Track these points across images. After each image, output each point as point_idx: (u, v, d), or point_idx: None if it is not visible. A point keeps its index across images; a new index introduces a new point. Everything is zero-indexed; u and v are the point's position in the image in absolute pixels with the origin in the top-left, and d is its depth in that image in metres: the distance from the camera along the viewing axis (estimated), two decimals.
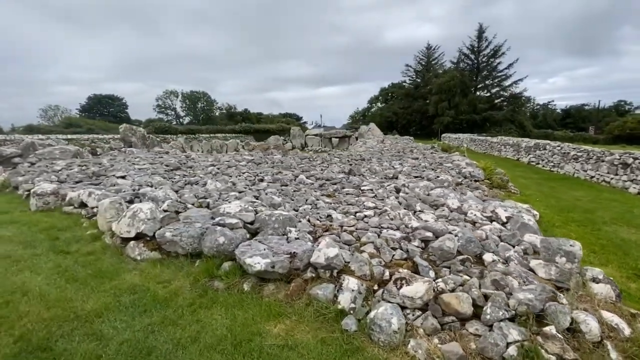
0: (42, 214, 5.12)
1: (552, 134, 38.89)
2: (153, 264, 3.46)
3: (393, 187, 5.51)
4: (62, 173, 6.99)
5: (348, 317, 2.43)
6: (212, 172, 6.95)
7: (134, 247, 3.66)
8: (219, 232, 3.42)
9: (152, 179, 6.17)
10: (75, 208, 5.15)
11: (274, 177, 6.28)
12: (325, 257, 2.88)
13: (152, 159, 8.65)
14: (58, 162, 8.16)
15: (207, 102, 70.01)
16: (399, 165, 8.72)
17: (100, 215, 4.26)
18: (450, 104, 39.94)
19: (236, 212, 3.94)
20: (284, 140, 26.22)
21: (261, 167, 8.31)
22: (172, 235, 3.55)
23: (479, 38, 40.60)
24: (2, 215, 5.11)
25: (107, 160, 8.31)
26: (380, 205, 4.31)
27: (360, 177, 6.92)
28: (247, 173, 6.86)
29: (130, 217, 3.79)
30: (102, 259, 3.57)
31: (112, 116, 57.40)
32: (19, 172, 7.23)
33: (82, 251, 3.76)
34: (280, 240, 3.39)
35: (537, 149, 12.51)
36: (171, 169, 7.35)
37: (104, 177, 6.57)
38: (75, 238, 4.14)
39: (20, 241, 4.00)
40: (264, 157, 9.74)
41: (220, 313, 2.63)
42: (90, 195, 4.97)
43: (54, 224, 4.63)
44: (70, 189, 5.66)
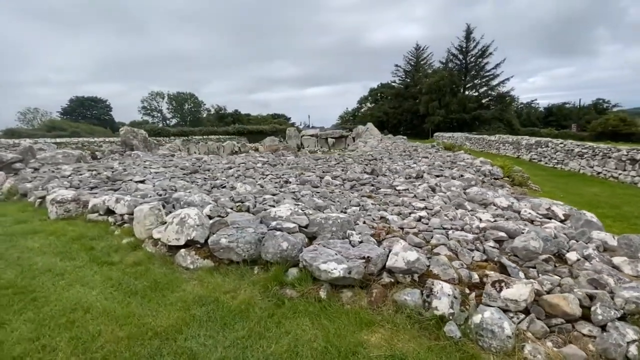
0: (64, 223, 4.81)
1: (539, 132, 39.97)
2: (209, 272, 3.27)
3: (427, 187, 5.45)
4: (72, 178, 6.63)
5: (449, 323, 2.32)
6: (233, 175, 6.72)
7: (185, 255, 3.46)
8: (281, 237, 3.27)
9: (175, 183, 5.92)
10: (101, 215, 4.86)
11: (301, 179, 6.13)
12: (405, 261, 2.77)
13: (162, 163, 8.32)
14: (64, 167, 7.74)
15: (195, 103, 68.92)
16: (415, 165, 8.70)
17: (139, 223, 4.02)
18: (441, 104, 40.56)
19: (287, 215, 3.78)
20: (279, 141, 26.01)
21: (278, 168, 8.13)
22: (228, 241, 3.37)
23: (467, 38, 41.42)
24: (21, 224, 4.78)
25: (117, 164, 7.94)
26: (429, 206, 4.24)
27: (383, 177, 6.84)
28: (271, 175, 6.67)
29: (179, 223, 3.58)
30: (152, 269, 3.35)
31: (95, 119, 55.66)
32: (25, 178, 6.82)
33: (126, 261, 3.52)
34: (344, 245, 3.26)
35: (539, 147, 12.78)
36: (189, 172, 7.08)
37: (120, 181, 6.26)
38: (112, 247, 3.89)
39: (54, 252, 3.73)
40: (277, 158, 9.55)
41: (307, 323, 2.48)
42: (119, 202, 4.70)
43: (82, 233, 4.35)
44: (90, 195, 5.35)
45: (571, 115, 58.90)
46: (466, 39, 41.59)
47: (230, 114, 53.81)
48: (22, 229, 4.52)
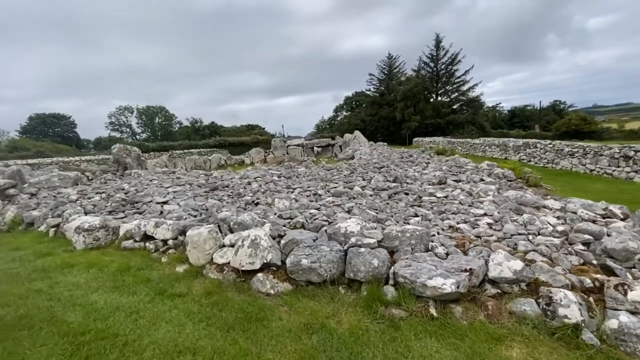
0: (97, 253, 4.39)
1: (508, 133, 42.44)
2: (294, 296, 3.09)
3: (465, 192, 5.53)
4: (84, 203, 6.10)
5: (584, 330, 2.32)
6: (259, 190, 6.48)
7: (264, 280, 3.25)
8: (368, 254, 3.15)
9: (204, 202, 5.61)
10: (137, 242, 4.48)
11: (335, 191, 6.01)
12: (512, 270, 2.75)
13: (171, 181, 7.87)
14: (65, 190, 7.11)
15: (166, 117, 66.69)
16: (426, 171, 8.84)
17: (195, 248, 3.74)
18: (416, 110, 41.88)
19: (358, 230, 3.67)
20: (265, 152, 25.67)
21: (294, 180, 7.95)
22: (310, 262, 3.20)
23: (437, 47, 43.26)
24: (47, 258, 4.30)
25: (127, 184, 7.40)
26: (488, 212, 4.28)
27: (407, 184, 6.88)
28: (299, 188, 6.50)
29: (251, 246, 3.36)
30: (230, 298, 3.11)
31: (58, 136, 52.33)
32: (29, 206, 6.18)
33: (196, 292, 3.25)
34: (432, 258, 3.20)
35: (527, 148, 13.47)
36: (209, 190, 6.73)
37: (140, 203, 5.84)
38: (170, 277, 3.58)
39: (109, 288, 3.37)
40: (290, 170, 9.34)
41: (435, 344, 2.37)
42: (159, 226, 4.36)
43: (125, 263, 3.98)
44: (117, 221, 4.95)
45: (533, 117, 63.08)
46: (436, 47, 43.44)
47: (206, 126, 52.47)
48: (53, 263, 4.07)
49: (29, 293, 3.29)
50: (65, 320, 2.78)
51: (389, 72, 50.51)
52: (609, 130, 35.41)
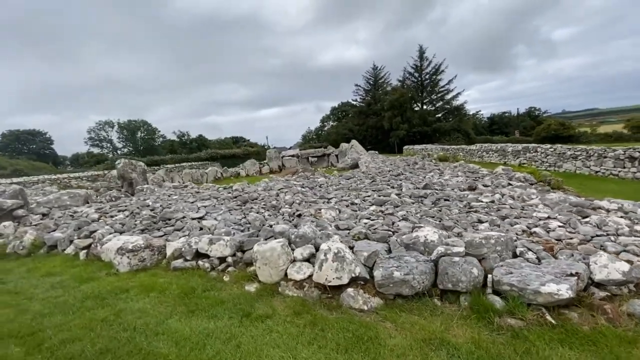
0: (146, 275, 4.08)
1: (492, 139, 43.93)
2: (389, 311, 2.94)
3: (508, 196, 5.56)
4: (109, 222, 5.72)
5: None
6: (294, 202, 6.28)
7: (355, 295, 3.08)
8: (465, 262, 3.05)
9: (244, 216, 5.37)
10: (188, 261, 4.20)
11: (375, 200, 5.91)
12: (620, 272, 2.73)
13: (192, 195, 7.54)
14: (83, 209, 6.65)
15: (148, 131, 65.06)
16: (445, 177, 8.90)
17: (267, 264, 3.53)
18: (403, 118, 42.71)
19: (437, 239, 3.58)
20: (260, 164, 25.37)
21: (317, 190, 7.80)
22: (403, 274, 3.07)
23: (421, 58, 44.63)
24: (91, 282, 3.95)
25: (152, 201, 6.99)
26: (551, 215, 4.29)
27: (440, 191, 6.87)
28: (335, 198, 6.35)
29: (336, 260, 3.19)
30: (324, 316, 2.91)
31: (33, 154, 50.05)
32: (48, 227, 5.72)
33: (282, 312, 3.03)
34: (525, 264, 3.14)
35: (527, 152, 13.90)
36: (241, 203, 6.47)
37: (174, 220, 5.53)
38: (243, 298, 3.34)
39: (184, 313, 3.10)
40: (310, 181, 9.17)
41: (573, 353, 2.28)
42: (214, 243, 4.11)
43: (185, 285, 3.69)
44: (160, 240, 4.64)
45: (511, 123, 65.67)
46: (420, 58, 44.81)
47: (194, 139, 51.49)
48: (102, 288, 3.73)
49: (94, 323, 2.98)
50: (158, 352, 2.51)
51: (374, 83, 51.54)
52: (585, 134, 37.19)
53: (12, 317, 3.24)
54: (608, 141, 34.61)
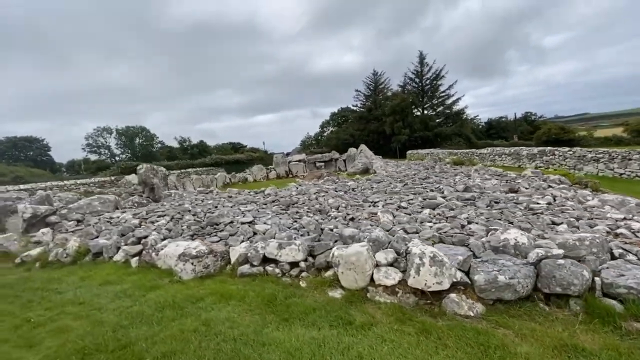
0: (213, 282, 3.90)
1: (492, 143, 44.27)
2: (497, 317, 2.81)
3: (563, 198, 5.48)
4: (151, 228, 5.52)
5: None
6: (340, 205, 6.13)
7: (459, 301, 2.94)
8: (572, 265, 2.94)
9: (297, 220, 5.22)
10: (254, 266, 4.03)
11: (426, 203, 5.79)
12: None
13: (226, 200, 7.36)
14: (117, 215, 6.43)
15: (146, 137, 64.62)
16: (477, 180, 8.84)
17: (352, 269, 3.38)
18: (405, 123, 42.89)
19: (526, 241, 3.46)
20: (267, 169, 25.21)
21: (352, 194, 7.67)
22: (508, 277, 2.94)
23: (421, 64, 45.09)
24: (157, 291, 3.75)
25: (191, 206, 6.78)
26: (627, 216, 4.20)
27: (483, 193, 6.78)
28: (381, 202, 6.22)
29: (434, 264, 3.05)
30: (432, 323, 2.76)
31: (31, 160, 49.30)
32: (90, 234, 5.50)
33: (382, 319, 2.88)
34: (627, 265, 3.04)
35: (544, 155, 13.94)
36: (285, 207, 6.31)
37: (221, 225, 5.35)
38: (332, 304, 3.18)
39: (277, 322, 2.94)
40: (338, 184, 9.03)
41: None
42: (284, 248, 3.95)
43: (261, 292, 3.52)
44: (219, 245, 4.47)
45: (508, 128, 66.35)
46: (420, 64, 45.28)
47: (195, 145, 51.17)
48: (173, 297, 3.54)
49: (188, 335, 2.80)
50: None
51: (374, 88, 51.80)
52: (585, 138, 37.65)
53: (89, 329, 3.04)
54: (608, 145, 35.02)
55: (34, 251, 5.22)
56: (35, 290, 4.09)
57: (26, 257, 5.13)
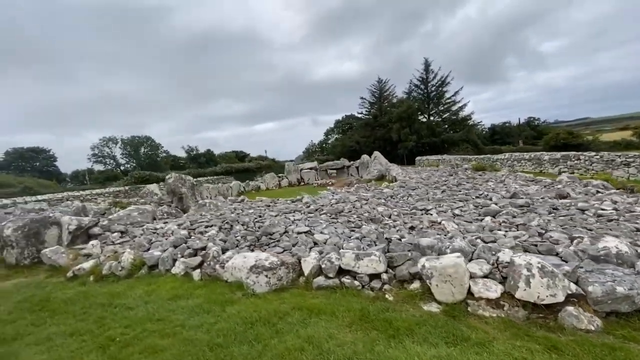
0: (290, 295, 3.74)
1: (500, 149, 44.20)
2: (623, 331, 2.65)
3: (626, 203, 5.33)
4: (202, 238, 5.38)
5: None
6: (392, 214, 5.99)
7: (578, 314, 2.78)
8: None
9: (359, 230, 5.08)
10: (330, 278, 3.87)
11: (484, 210, 5.65)
12: None
13: (266, 209, 7.22)
14: (162, 226, 6.28)
15: (152, 146, 64.76)
16: (514, 185, 8.70)
17: (449, 281, 3.22)
18: (412, 130, 42.92)
19: (628, 251, 3.32)
20: (279, 177, 25.11)
21: (390, 200, 7.53)
22: (627, 289, 2.79)
23: (426, 71, 45.33)
24: (234, 306, 3.59)
25: (233, 214, 6.64)
26: None
27: (534, 200, 6.64)
28: (433, 209, 6.08)
29: (544, 275, 2.90)
30: (560, 341, 2.60)
31: (37, 171, 49.30)
32: (142, 245, 5.35)
33: (495, 335, 2.72)
34: None
35: (568, 160, 13.81)
36: (334, 215, 6.16)
37: (276, 234, 5.21)
38: (432, 320, 3.03)
39: (383, 338, 2.78)
40: (373, 192, 8.90)
41: None
42: (361, 259, 3.79)
43: (348, 306, 3.36)
44: (285, 256, 4.32)
45: (512, 133, 66.39)
46: (425, 71, 45.51)
47: (202, 154, 51.22)
48: (257, 312, 3.37)
49: (295, 354, 2.64)
50: None
51: (379, 95, 52.00)
52: (595, 141, 37.54)
53: (183, 348, 2.89)
54: (618, 149, 34.86)
55: (86, 264, 5.07)
56: (102, 305, 3.93)
57: (78, 271, 4.97)
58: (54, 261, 5.42)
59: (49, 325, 3.53)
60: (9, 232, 5.96)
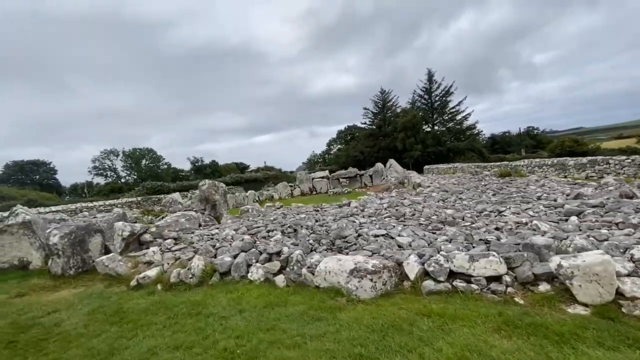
0: (401, 300, 3.42)
1: (505, 157, 44.39)
2: None
3: None
4: (269, 244, 5.06)
5: None
6: (465, 216, 5.71)
7: None
8: None
9: (444, 232, 4.79)
10: (440, 282, 3.56)
11: (564, 210, 5.40)
12: None
13: (318, 213, 6.91)
14: (215, 232, 5.94)
15: (153, 158, 64.32)
16: (560, 188, 8.50)
17: (597, 281, 2.93)
18: (417, 139, 43.03)
19: None
20: (291, 186, 24.82)
21: (446, 203, 7.27)
22: None
23: (430, 81, 45.82)
24: (344, 313, 3.26)
25: (289, 219, 6.31)
26: None
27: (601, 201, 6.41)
28: (507, 210, 5.81)
29: None
30: None
31: (37, 184, 48.56)
32: (209, 251, 5.00)
33: None
34: None
35: (596, 165, 13.71)
36: (400, 217, 5.88)
37: (350, 237, 4.90)
38: (592, 324, 2.72)
39: (552, 345, 2.46)
40: (421, 197, 8.64)
41: None
42: (476, 260, 3.49)
43: (481, 311, 3.05)
44: (379, 259, 4.01)
45: (512, 142, 67.01)
46: (429, 81, 45.98)
47: (208, 165, 50.88)
48: (381, 318, 3.05)
49: None
50: None
51: (382, 106, 52.32)
52: (599, 149, 37.81)
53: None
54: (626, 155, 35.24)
55: (150, 272, 4.70)
56: (190, 315, 3.57)
57: (143, 279, 4.60)
58: (111, 269, 5.04)
59: (142, 338, 3.16)
60: (56, 239, 5.58)
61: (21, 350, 3.18)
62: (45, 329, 3.60)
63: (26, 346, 3.24)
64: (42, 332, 3.52)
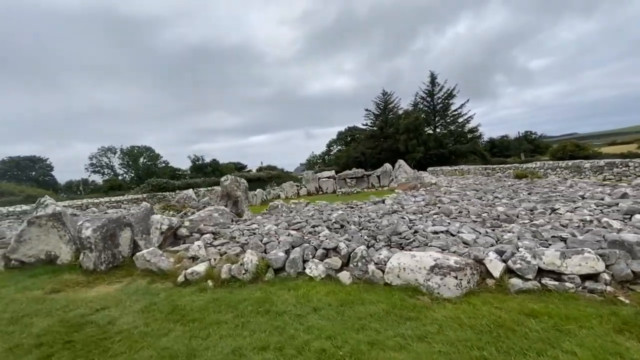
0: (493, 300, 3.18)
1: (506, 161, 44.59)
2: None
3: None
4: (320, 239, 4.79)
5: None
6: (513, 214, 5.50)
7: None
8: None
9: (507, 230, 4.57)
10: (528, 280, 3.34)
11: (623, 209, 5.22)
12: None
13: (355, 210, 6.65)
14: (255, 226, 5.65)
15: (151, 157, 63.58)
16: (591, 188, 8.36)
17: None
18: (419, 141, 43.04)
19: None
20: (297, 186, 24.57)
21: (484, 201, 7.07)
22: None
23: (432, 84, 45.89)
24: (431, 312, 3.01)
25: (329, 215, 6.03)
26: None
27: None
28: (562, 207, 5.62)
29: None
30: None
31: (33, 180, 47.69)
32: (259, 246, 4.72)
33: None
34: None
35: (614, 167, 13.65)
36: (447, 216, 5.65)
37: (405, 233, 4.66)
38: None
39: None
40: (454, 195, 8.44)
41: None
42: (568, 257, 3.28)
43: (590, 312, 2.83)
44: (453, 255, 3.77)
45: (510, 146, 67.50)
46: (431, 83, 46.02)
47: (208, 164, 50.35)
48: (471, 319, 2.81)
49: None
50: None
51: (384, 107, 52.28)
52: (601, 154, 38.12)
53: None
54: None
55: (198, 268, 4.40)
56: (260, 314, 3.29)
57: (191, 275, 4.31)
58: (152, 265, 4.73)
59: (218, 338, 2.88)
60: (89, 232, 5.27)
61: (82, 351, 2.88)
62: (100, 327, 3.30)
63: (86, 346, 2.94)
64: (98, 331, 3.22)
